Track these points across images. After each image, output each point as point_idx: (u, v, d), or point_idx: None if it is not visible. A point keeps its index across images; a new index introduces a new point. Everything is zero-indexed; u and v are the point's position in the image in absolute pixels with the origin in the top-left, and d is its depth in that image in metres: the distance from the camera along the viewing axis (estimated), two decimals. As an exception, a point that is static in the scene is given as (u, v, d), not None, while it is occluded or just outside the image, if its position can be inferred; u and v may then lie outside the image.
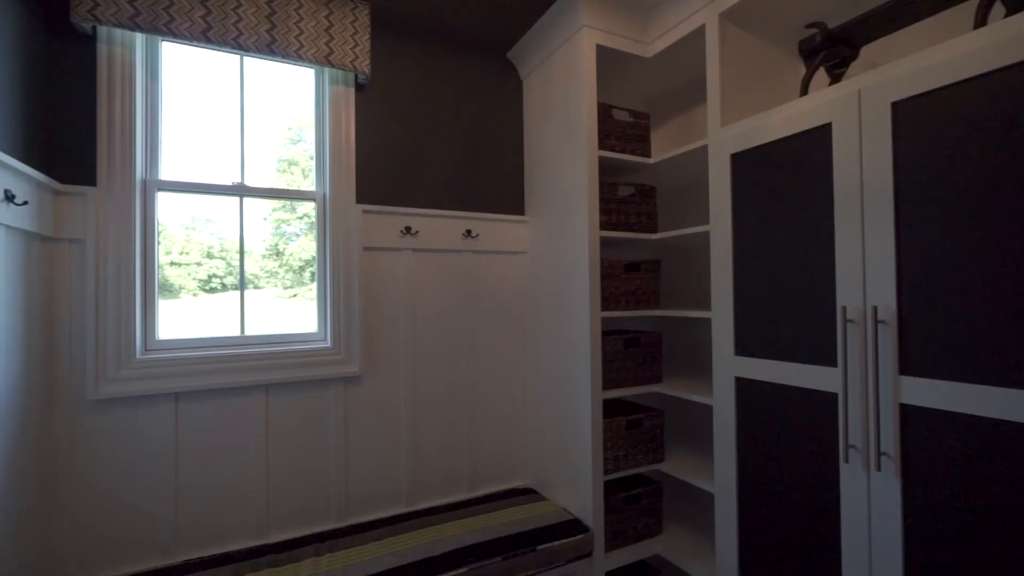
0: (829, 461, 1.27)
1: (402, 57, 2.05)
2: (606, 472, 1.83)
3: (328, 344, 1.90)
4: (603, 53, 1.90)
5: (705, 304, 2.07)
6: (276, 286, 2.00)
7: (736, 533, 1.52)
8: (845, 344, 1.21)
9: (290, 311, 1.98)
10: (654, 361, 1.98)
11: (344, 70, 1.82)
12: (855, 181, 1.20)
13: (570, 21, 1.86)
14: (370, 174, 1.97)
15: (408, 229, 2.00)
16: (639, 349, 1.94)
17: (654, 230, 2.01)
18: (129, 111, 1.59)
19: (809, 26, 1.42)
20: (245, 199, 1.82)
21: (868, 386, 1.17)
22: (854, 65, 1.54)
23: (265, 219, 1.98)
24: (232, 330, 1.80)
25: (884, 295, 1.14)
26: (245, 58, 1.81)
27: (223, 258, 1.89)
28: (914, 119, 1.10)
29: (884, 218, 1.14)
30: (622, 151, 1.92)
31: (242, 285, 1.83)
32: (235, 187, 1.79)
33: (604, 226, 1.89)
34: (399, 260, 2.01)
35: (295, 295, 2.01)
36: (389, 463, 1.98)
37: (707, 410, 2.08)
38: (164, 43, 1.69)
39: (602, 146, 1.88)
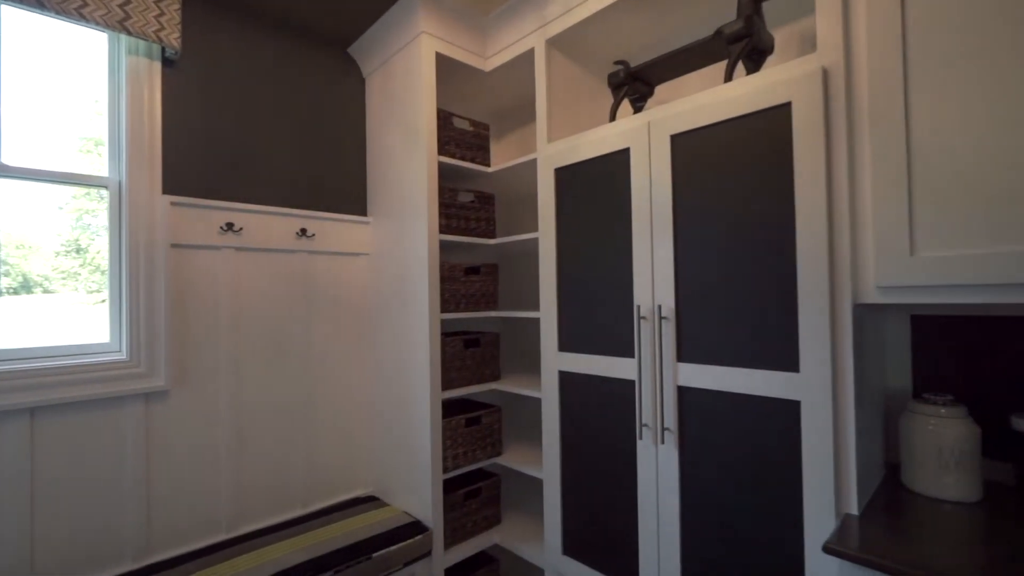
0: (630, 439, 1.47)
1: (228, 38, 1.86)
2: (446, 470, 1.87)
3: (123, 356, 1.63)
4: (444, 62, 1.95)
5: (538, 305, 2.24)
6: (76, 290, 1.66)
7: (560, 512, 1.67)
8: (639, 337, 1.41)
9: (97, 319, 1.65)
10: (493, 360, 2.08)
11: (145, 40, 1.59)
12: (646, 199, 1.41)
13: (409, 26, 1.88)
14: (182, 163, 1.75)
15: (230, 226, 1.81)
16: (479, 349, 2.02)
17: (493, 235, 2.11)
18: None
19: (616, 63, 1.63)
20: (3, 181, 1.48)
21: (656, 373, 1.39)
22: (651, 100, 1.81)
23: (61, 208, 1.63)
24: (-21, 343, 1.45)
25: (666, 296, 1.36)
26: (4, 7, 1.47)
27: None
28: (685, 151, 1.33)
29: (666, 231, 1.36)
30: (462, 158, 1.99)
31: (-4, 287, 1.48)
32: (-15, 165, 1.45)
33: (444, 230, 1.93)
34: (218, 260, 1.81)
35: (104, 300, 1.68)
36: (205, 487, 1.76)
37: (540, 403, 2.25)
38: None
39: (442, 152, 1.93)
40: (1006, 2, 0.90)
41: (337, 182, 2.15)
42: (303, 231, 1.99)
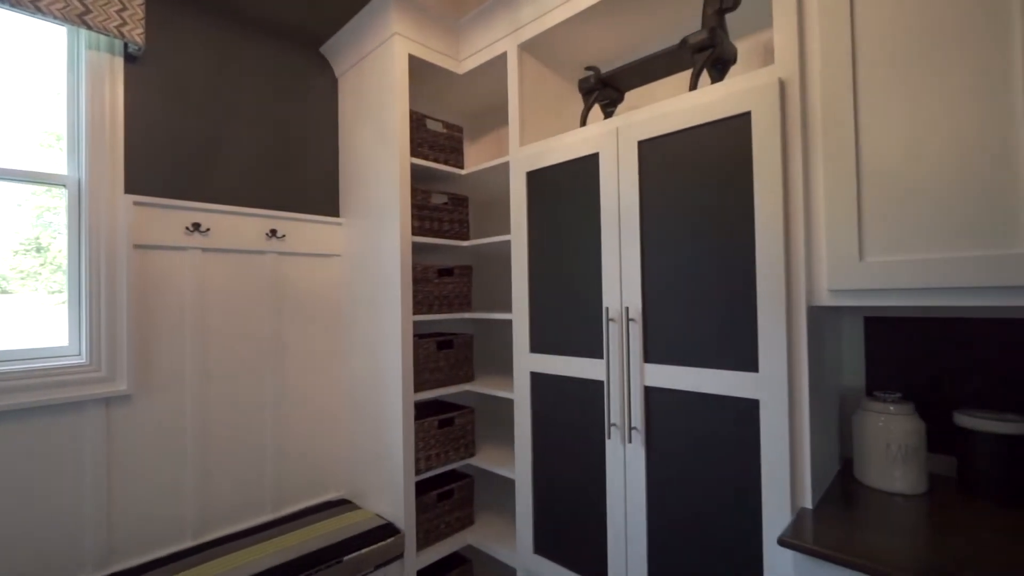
0: (599, 438, 1.50)
1: (195, 34, 1.82)
2: (418, 472, 1.87)
3: (83, 360, 1.58)
4: (417, 64, 1.95)
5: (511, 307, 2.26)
6: (36, 290, 1.60)
7: (531, 512, 1.69)
8: (608, 339, 1.44)
9: (59, 321, 1.60)
10: (467, 361, 2.09)
11: (106, 35, 1.55)
12: (615, 203, 1.44)
13: (382, 27, 1.87)
14: (146, 161, 1.70)
15: (197, 226, 1.77)
16: (452, 351, 2.03)
17: (467, 237, 2.12)
18: None
19: (587, 68, 1.66)
20: (-50, 178, 1.42)
21: (624, 373, 1.42)
22: (621, 106, 1.85)
23: (20, 206, 1.57)
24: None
25: (634, 298, 1.39)
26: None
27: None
28: (652, 157, 1.36)
29: (634, 235, 1.39)
30: (435, 160, 2.00)
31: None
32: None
33: (417, 232, 1.93)
34: (185, 261, 1.77)
35: (66, 301, 1.62)
36: (170, 494, 1.72)
37: (513, 404, 2.27)
38: None
39: (415, 154, 1.93)
40: (947, 18, 0.96)
41: (309, 183, 2.12)
42: (273, 232, 1.96)
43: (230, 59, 1.91)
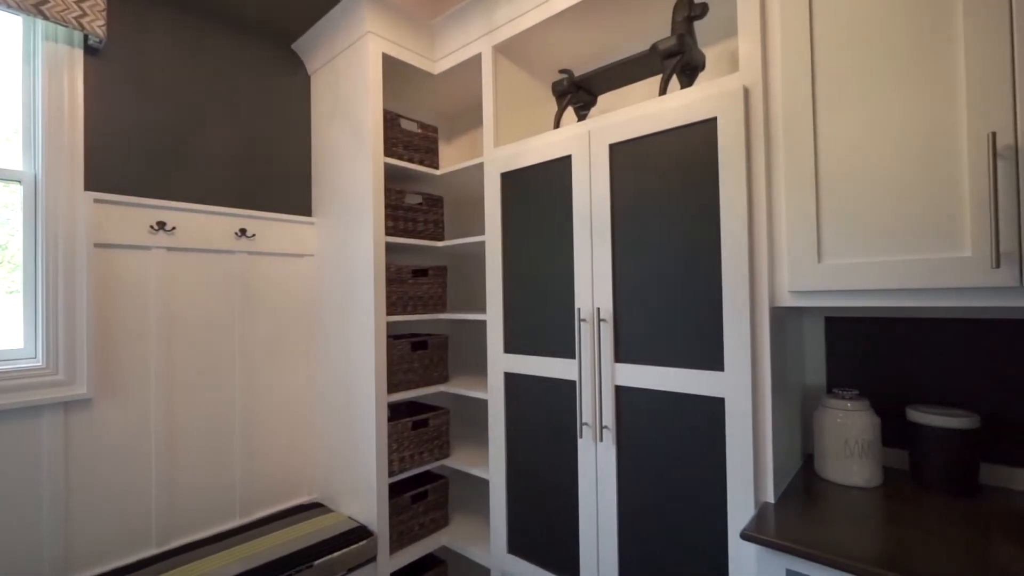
0: (571, 437, 1.51)
1: (161, 27, 1.77)
2: (391, 474, 1.86)
3: (39, 363, 1.52)
4: (392, 63, 1.94)
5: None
6: None
7: (505, 511, 1.69)
8: (580, 339, 1.46)
9: (16, 322, 1.53)
10: (442, 362, 2.08)
11: (64, 26, 1.49)
12: (587, 205, 1.46)
13: (355, 25, 1.85)
14: (108, 158, 1.65)
15: (162, 225, 1.72)
16: (427, 351, 2.02)
17: (441, 238, 2.12)
18: None
19: (561, 71, 1.68)
20: None
21: (595, 373, 1.44)
22: (593, 109, 1.87)
23: None
24: None
25: (605, 299, 1.41)
26: None
27: None
28: (623, 160, 1.39)
29: (605, 237, 1.41)
30: (410, 160, 1.99)
31: None
32: None
33: (391, 232, 1.92)
34: (149, 260, 1.72)
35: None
36: (133, 500, 1.67)
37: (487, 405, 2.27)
38: None
39: (389, 153, 1.91)
40: (898, 32, 1.00)
41: (280, 181, 2.09)
42: (243, 231, 1.92)
43: (198, 53, 1.87)
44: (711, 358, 1.22)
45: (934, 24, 0.96)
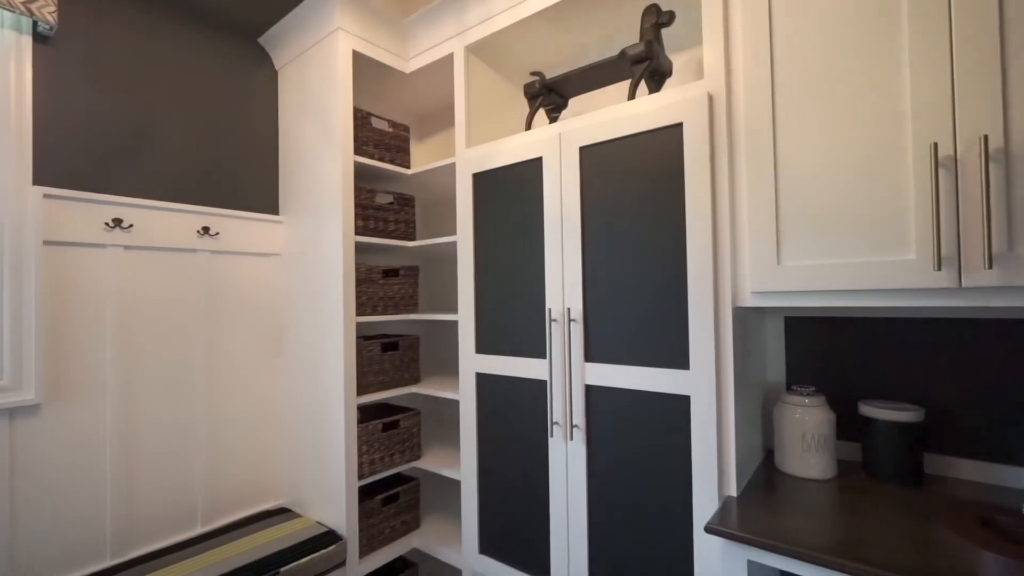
0: (542, 437, 1.53)
1: (117, 15, 1.70)
2: (361, 476, 1.83)
3: (-18, 367, 1.44)
4: (362, 60, 1.92)
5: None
6: None
7: (477, 512, 1.69)
8: (550, 339, 1.47)
9: None
10: (413, 363, 2.07)
11: (11, 11, 1.42)
12: (557, 206, 1.47)
13: (324, 21, 1.82)
14: (59, 151, 1.57)
15: (118, 222, 1.65)
16: (398, 352, 2.00)
17: (412, 238, 2.10)
18: None
19: (532, 73, 1.69)
20: None
21: (566, 372, 1.45)
22: (565, 111, 1.89)
23: None
24: None
25: (575, 299, 1.43)
26: None
27: None
28: (593, 162, 1.41)
29: (575, 238, 1.43)
30: (380, 159, 1.97)
31: None
32: None
33: (362, 231, 1.90)
34: (105, 259, 1.65)
35: None
36: (86, 510, 1.59)
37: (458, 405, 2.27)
38: None
39: (359, 152, 1.89)
40: (851, 43, 1.05)
41: (246, 178, 2.03)
42: (206, 229, 1.86)
43: (157, 44, 1.80)
44: (677, 357, 1.25)
45: (880, 44, 1.02)
